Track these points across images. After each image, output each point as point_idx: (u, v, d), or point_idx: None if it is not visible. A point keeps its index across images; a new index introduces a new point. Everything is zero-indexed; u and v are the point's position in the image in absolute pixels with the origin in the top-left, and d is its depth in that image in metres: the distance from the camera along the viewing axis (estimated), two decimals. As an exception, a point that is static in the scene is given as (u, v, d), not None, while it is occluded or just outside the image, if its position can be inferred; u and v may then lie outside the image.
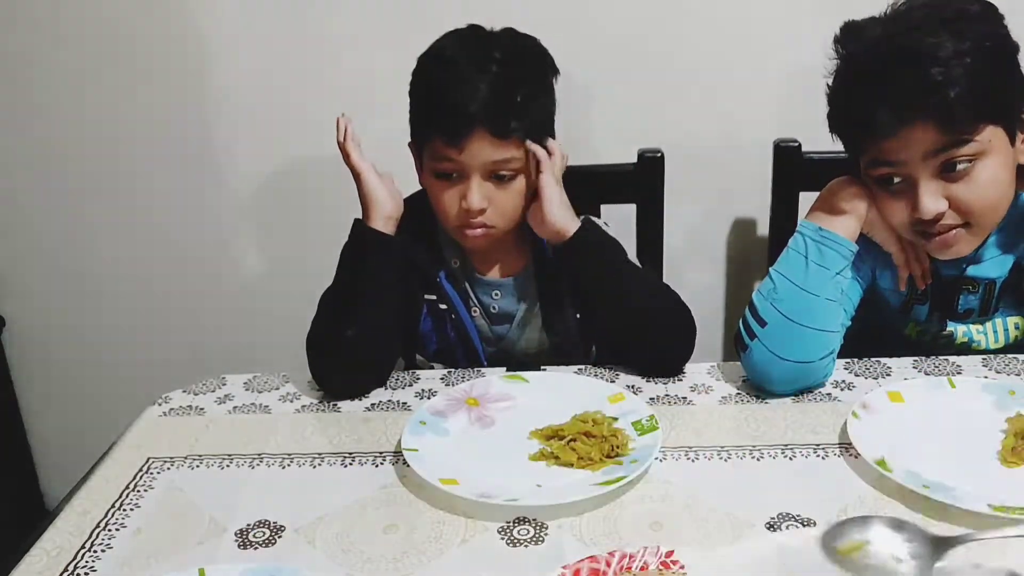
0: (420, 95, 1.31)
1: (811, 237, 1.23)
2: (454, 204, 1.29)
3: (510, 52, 1.28)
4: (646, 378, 1.24)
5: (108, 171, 1.88)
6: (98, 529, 0.98)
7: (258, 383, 1.28)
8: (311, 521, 0.97)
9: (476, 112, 1.22)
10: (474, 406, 1.17)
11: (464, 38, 1.31)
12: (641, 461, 1.01)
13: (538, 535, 0.93)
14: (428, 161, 1.30)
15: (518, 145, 1.27)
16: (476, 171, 1.26)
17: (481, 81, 1.23)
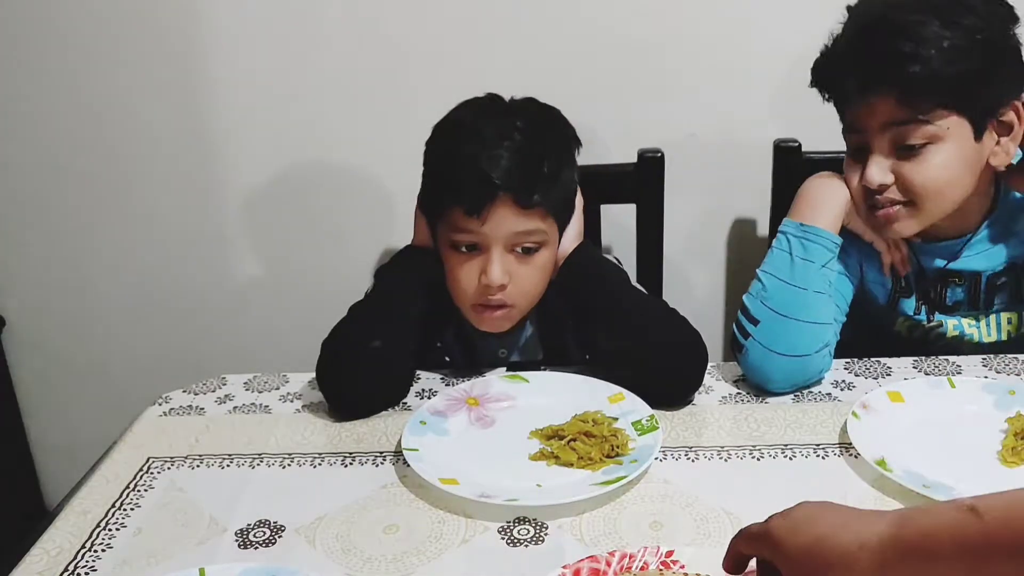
0: (438, 164, 1.26)
1: (793, 234, 1.23)
2: (472, 280, 1.22)
3: (533, 121, 1.23)
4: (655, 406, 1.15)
5: (108, 172, 1.88)
6: (98, 529, 0.98)
7: (258, 383, 1.28)
8: (311, 521, 0.97)
9: (500, 181, 1.16)
10: (474, 406, 1.17)
11: (483, 107, 1.26)
12: (641, 461, 1.02)
13: (538, 535, 0.93)
14: (445, 232, 1.23)
15: (543, 216, 1.21)
16: (498, 244, 1.20)
17: (504, 149, 1.18)
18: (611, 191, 1.58)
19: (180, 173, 1.87)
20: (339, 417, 1.18)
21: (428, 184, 1.28)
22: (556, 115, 1.28)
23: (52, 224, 1.94)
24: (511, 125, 1.20)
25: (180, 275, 1.95)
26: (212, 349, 1.97)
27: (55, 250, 1.96)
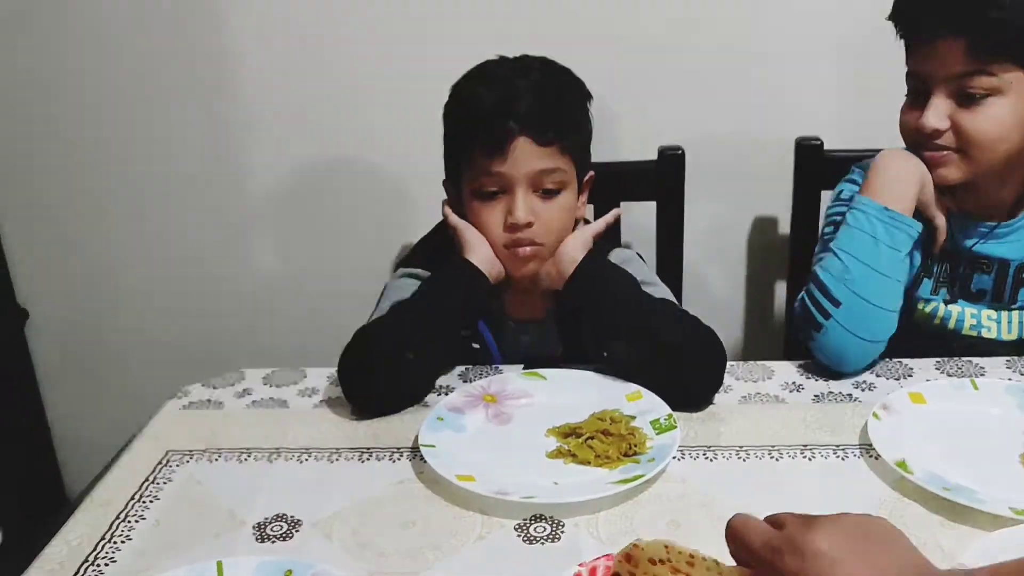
0: (457, 113, 1.29)
1: (877, 217, 1.22)
2: (499, 222, 1.24)
3: (548, 65, 1.28)
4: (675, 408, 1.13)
5: (128, 170, 1.89)
6: (118, 520, 0.98)
7: (276, 377, 1.29)
8: (328, 516, 0.97)
9: (518, 117, 1.20)
10: (491, 403, 1.17)
11: (498, 61, 1.29)
12: (659, 460, 1.01)
13: (555, 533, 0.93)
14: (469, 182, 1.26)
15: (561, 153, 1.24)
16: (521, 183, 1.22)
17: (523, 89, 1.22)
18: (631, 188, 1.58)
19: (200, 169, 1.88)
20: (357, 413, 1.18)
21: (449, 137, 1.30)
22: (568, 71, 1.30)
23: (75, 219, 1.95)
24: (527, 67, 1.25)
25: (200, 270, 1.96)
26: (231, 343, 1.98)
27: (77, 245, 1.97)
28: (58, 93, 1.84)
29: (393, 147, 1.82)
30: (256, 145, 1.86)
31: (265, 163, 1.87)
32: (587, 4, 1.70)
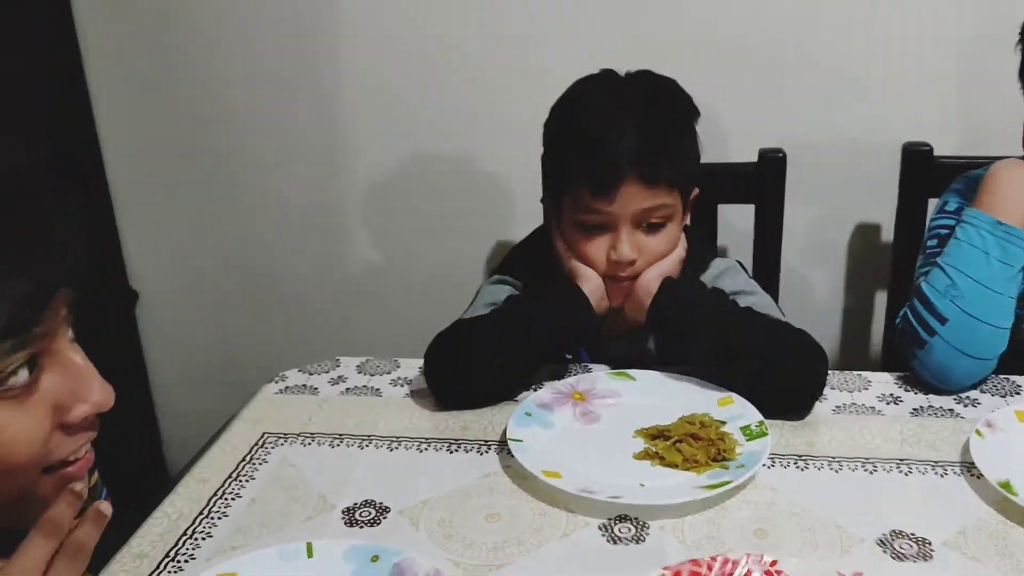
0: (561, 145, 1.25)
1: (989, 231, 1.17)
2: (601, 256, 1.22)
3: (652, 95, 1.22)
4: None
5: (238, 161, 1.96)
6: (215, 497, 1.02)
7: (370, 366, 1.31)
8: (415, 504, 0.99)
9: (626, 160, 1.16)
10: (580, 401, 1.17)
11: (600, 83, 1.24)
12: (748, 467, 1.00)
13: (639, 534, 0.93)
14: (571, 212, 1.23)
15: (668, 191, 1.20)
16: (625, 221, 1.20)
17: (628, 128, 1.17)
18: (729, 190, 1.56)
19: (306, 164, 1.94)
20: (438, 403, 1.20)
21: (552, 166, 1.27)
22: (673, 86, 1.26)
23: (185, 207, 2.03)
24: (631, 101, 1.20)
25: (301, 260, 2.02)
26: (327, 332, 2.04)
27: (187, 232, 2.05)
28: (179, 87, 1.92)
29: (494, 147, 1.84)
30: (361, 140, 1.90)
31: (369, 158, 1.91)
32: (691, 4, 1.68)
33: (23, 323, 0.63)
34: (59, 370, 0.68)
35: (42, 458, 0.68)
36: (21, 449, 0.66)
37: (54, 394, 0.68)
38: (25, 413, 0.66)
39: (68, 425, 0.69)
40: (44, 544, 0.66)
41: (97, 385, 0.70)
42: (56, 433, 0.68)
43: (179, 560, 0.92)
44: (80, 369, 0.69)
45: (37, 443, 0.67)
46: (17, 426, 0.65)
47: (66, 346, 0.69)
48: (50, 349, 0.67)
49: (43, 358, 0.67)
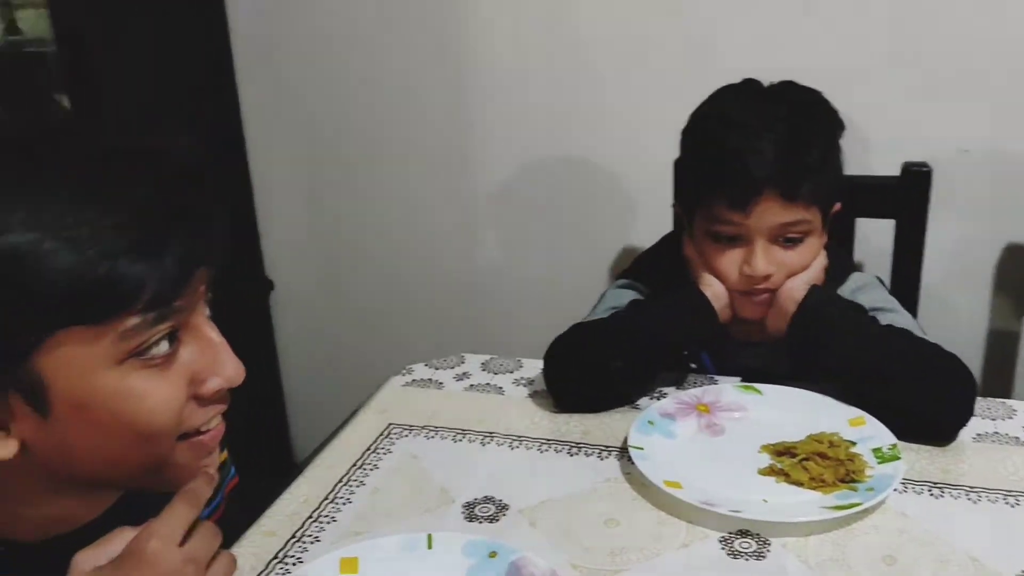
0: (699, 156, 1.23)
1: None
2: (733, 269, 1.19)
3: (796, 109, 1.19)
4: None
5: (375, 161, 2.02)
6: (340, 484, 1.05)
7: (494, 365, 1.33)
8: (534, 504, 1.00)
9: (766, 175, 1.13)
10: (704, 412, 1.15)
11: (743, 94, 1.22)
12: (878, 490, 0.96)
13: (760, 550, 0.91)
14: (705, 223, 1.20)
15: (807, 207, 1.17)
16: (761, 235, 1.17)
17: (769, 142, 1.14)
18: (869, 204, 1.50)
19: (439, 165, 1.98)
20: (557, 404, 1.20)
21: (687, 175, 1.25)
22: (818, 99, 1.22)
23: (322, 203, 2.10)
24: (774, 115, 1.17)
25: (430, 258, 2.06)
26: (452, 329, 2.07)
27: (323, 227, 2.13)
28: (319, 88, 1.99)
29: (624, 153, 1.84)
30: (491, 142, 1.93)
31: (498, 160, 1.94)
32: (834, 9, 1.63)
33: (166, 297, 0.66)
34: (196, 344, 0.72)
35: (177, 425, 0.71)
36: (160, 416, 0.69)
37: (191, 366, 0.71)
38: (165, 382, 0.69)
39: (201, 397, 0.72)
40: (186, 512, 0.70)
41: (230, 361, 0.73)
42: (191, 403, 0.72)
43: (304, 541, 0.95)
44: (215, 345, 0.73)
45: (174, 411, 0.70)
46: (157, 394, 0.69)
47: (203, 322, 0.72)
48: (188, 323, 0.70)
49: (182, 332, 0.70)
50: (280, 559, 0.93)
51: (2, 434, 0.67)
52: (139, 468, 0.72)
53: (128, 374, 0.67)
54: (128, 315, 0.65)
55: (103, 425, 0.68)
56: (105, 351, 0.66)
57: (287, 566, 0.92)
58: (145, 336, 0.66)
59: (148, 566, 0.66)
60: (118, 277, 0.63)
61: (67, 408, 0.67)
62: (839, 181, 1.23)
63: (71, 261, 0.62)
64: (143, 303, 0.65)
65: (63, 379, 0.66)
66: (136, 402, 0.68)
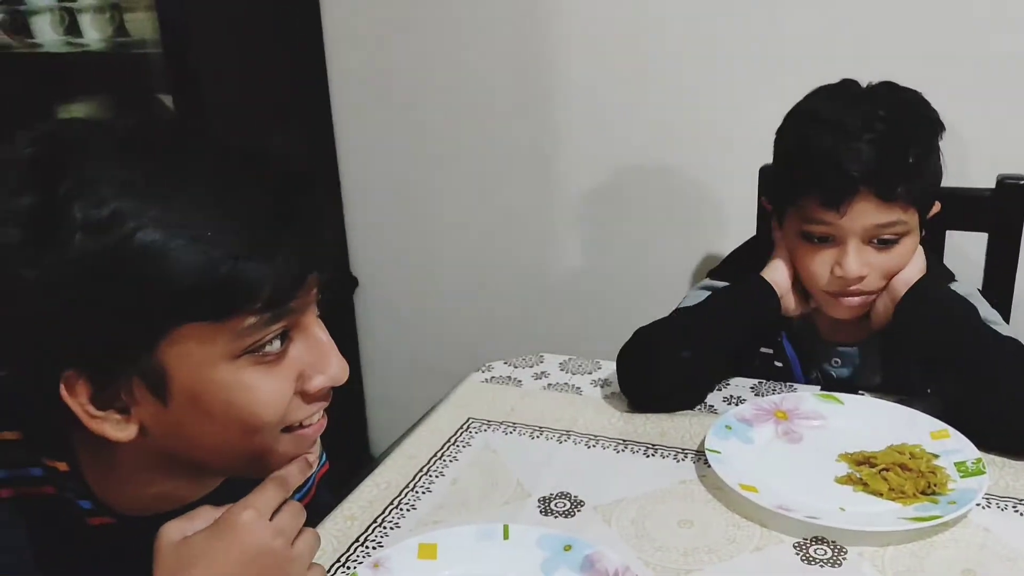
0: (793, 154, 1.21)
1: None
2: (825, 270, 1.18)
3: (894, 109, 1.16)
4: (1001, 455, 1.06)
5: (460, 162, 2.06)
6: (420, 474, 1.08)
7: (572, 365, 1.34)
8: (609, 502, 1.01)
9: (861, 175, 1.11)
10: (783, 419, 1.15)
11: (839, 94, 1.20)
12: (960, 504, 0.95)
13: (835, 558, 0.90)
14: (797, 222, 1.20)
15: (904, 208, 1.15)
16: (854, 236, 1.15)
17: (866, 140, 1.12)
18: (961, 216, 1.46)
19: (523, 167, 2.01)
20: (633, 406, 1.21)
21: (781, 174, 1.25)
22: (918, 99, 1.20)
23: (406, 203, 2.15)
24: (872, 114, 1.14)
25: (512, 258, 2.09)
26: (531, 329, 2.09)
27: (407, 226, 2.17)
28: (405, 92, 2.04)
29: (709, 157, 1.83)
30: (574, 145, 1.95)
31: (579, 163, 1.95)
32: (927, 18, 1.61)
33: (282, 298, 0.70)
34: (305, 343, 0.75)
35: (282, 419, 0.75)
36: (267, 409, 0.73)
37: (299, 364, 0.74)
38: (273, 378, 0.73)
39: (306, 393, 0.75)
40: (276, 492, 0.74)
41: (336, 360, 0.76)
42: (296, 399, 0.75)
43: (385, 526, 0.99)
44: (323, 344, 0.76)
45: (280, 405, 0.74)
46: (266, 388, 0.72)
47: (313, 321, 0.76)
48: (299, 323, 0.74)
49: (293, 331, 0.74)
50: (361, 542, 0.96)
51: (124, 417, 0.71)
52: (244, 455, 0.76)
53: (242, 369, 0.71)
54: (246, 314, 0.69)
55: (215, 415, 0.72)
56: (222, 347, 0.69)
57: (367, 549, 0.95)
58: (260, 335, 0.70)
59: (240, 534, 0.70)
60: (239, 277, 0.67)
61: (184, 397, 0.71)
62: (937, 183, 1.21)
63: (197, 260, 0.66)
64: (260, 303, 0.68)
65: (183, 370, 0.69)
66: (247, 395, 0.71)
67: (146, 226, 0.65)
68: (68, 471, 0.78)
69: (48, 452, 0.77)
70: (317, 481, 1.04)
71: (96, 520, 0.80)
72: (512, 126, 1.98)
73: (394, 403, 2.30)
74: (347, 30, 2.05)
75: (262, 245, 0.68)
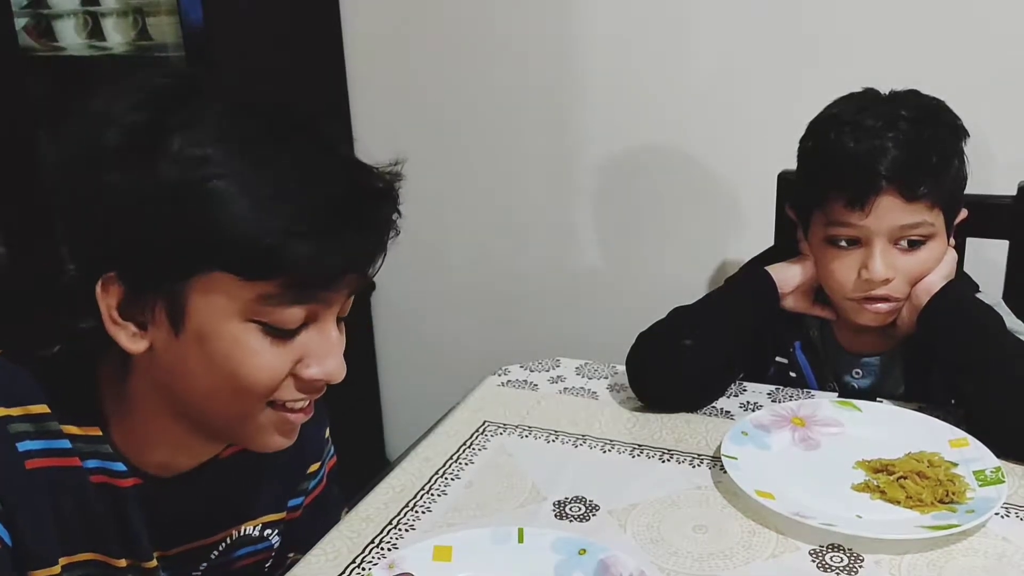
0: (817, 157, 1.21)
1: None
2: (851, 274, 1.18)
3: (918, 110, 1.17)
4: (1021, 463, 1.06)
5: (473, 159, 2.06)
6: (436, 476, 1.08)
7: (588, 369, 1.34)
8: (624, 506, 1.01)
9: (886, 172, 1.12)
10: (800, 426, 1.14)
11: (864, 99, 1.20)
12: (979, 512, 0.94)
13: (852, 565, 0.90)
14: (821, 227, 1.20)
15: (929, 208, 1.15)
16: (880, 237, 1.15)
17: (889, 140, 1.13)
18: (982, 224, 1.45)
19: (537, 169, 2.01)
20: (646, 405, 1.22)
21: (805, 178, 1.25)
22: (941, 105, 1.20)
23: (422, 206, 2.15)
24: (896, 114, 1.15)
25: (528, 262, 2.09)
26: (548, 333, 2.09)
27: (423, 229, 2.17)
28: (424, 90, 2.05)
29: (729, 164, 1.83)
30: (593, 147, 1.95)
31: (597, 166, 1.95)
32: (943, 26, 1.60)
33: (310, 284, 0.75)
34: (317, 334, 0.80)
35: (269, 391, 0.80)
36: (259, 376, 0.78)
37: (302, 348, 0.79)
38: (275, 351, 0.78)
39: (299, 378, 0.80)
40: None
41: (336, 359, 0.81)
42: (289, 379, 0.80)
43: (400, 528, 0.99)
44: (331, 340, 0.81)
45: (272, 378, 0.79)
46: (264, 357, 0.78)
47: (331, 318, 0.81)
48: (320, 315, 0.79)
49: (310, 320, 0.79)
50: (376, 544, 0.96)
51: (140, 332, 0.77)
52: (228, 413, 0.81)
53: (250, 330, 0.76)
54: (271, 285, 0.74)
55: (214, 362, 0.77)
56: (241, 304, 0.75)
57: (382, 551, 0.95)
58: (277, 309, 0.75)
59: None
60: (278, 250, 0.73)
61: (194, 334, 0.76)
62: (962, 186, 1.21)
63: (250, 222, 0.72)
64: (289, 281, 0.74)
65: (202, 310, 0.75)
66: (246, 356, 0.77)
67: (225, 176, 0.72)
68: (100, 436, 0.83)
69: (80, 420, 0.83)
70: (327, 472, 1.07)
71: (124, 482, 0.85)
72: (530, 129, 1.98)
73: (410, 406, 2.30)
74: (367, 36, 2.06)
75: (314, 233, 0.73)
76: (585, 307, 2.06)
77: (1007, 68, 1.59)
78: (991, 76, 1.60)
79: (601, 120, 1.92)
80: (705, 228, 1.90)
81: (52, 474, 0.81)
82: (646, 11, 1.81)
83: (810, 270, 1.25)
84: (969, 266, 1.50)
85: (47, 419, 0.81)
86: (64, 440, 0.82)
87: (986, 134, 1.53)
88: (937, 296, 1.16)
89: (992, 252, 1.50)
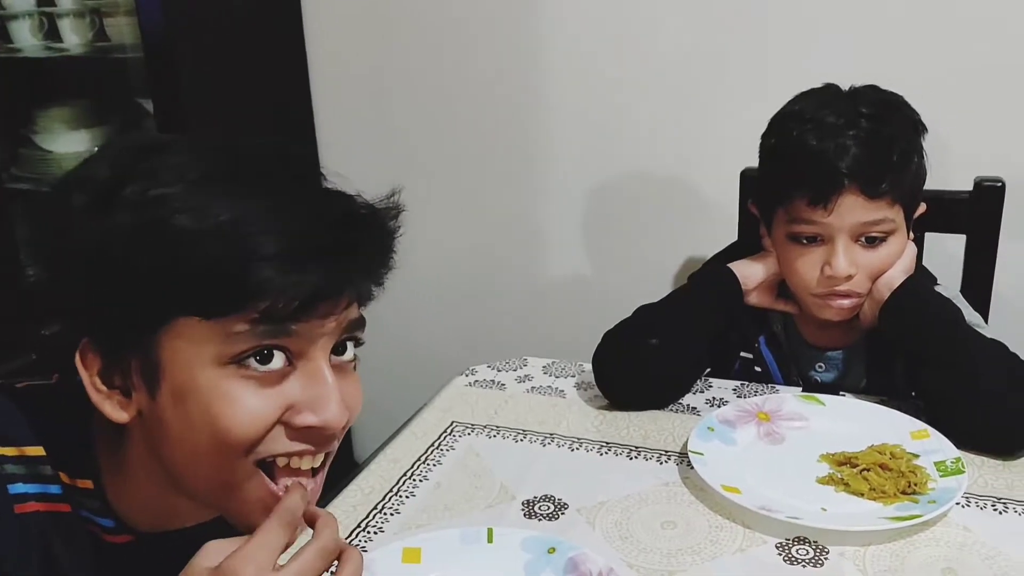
0: (779, 154, 1.22)
1: None
2: (814, 271, 1.19)
3: (877, 107, 1.19)
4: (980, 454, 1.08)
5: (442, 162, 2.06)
6: (404, 478, 1.08)
7: (556, 368, 1.35)
8: (593, 504, 1.01)
9: (847, 170, 1.13)
10: (764, 421, 1.16)
11: (824, 95, 1.22)
12: (940, 503, 0.96)
13: (818, 558, 0.91)
14: (784, 224, 1.21)
15: (890, 205, 1.16)
16: (842, 234, 1.16)
17: (850, 138, 1.15)
18: (940, 219, 1.48)
19: (508, 171, 2.00)
20: (614, 404, 1.23)
21: (767, 176, 1.26)
22: (900, 100, 1.22)
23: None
24: (856, 112, 1.16)
25: (496, 263, 2.08)
26: (515, 332, 2.09)
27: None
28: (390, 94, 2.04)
29: (691, 162, 1.84)
30: (557, 151, 1.95)
31: (564, 168, 1.95)
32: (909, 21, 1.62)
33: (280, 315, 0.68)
34: (307, 377, 0.71)
35: (257, 441, 0.70)
36: (240, 425, 0.69)
37: (292, 394, 0.70)
38: (258, 396, 0.69)
39: (291, 426, 0.71)
40: (278, 534, 0.69)
41: (333, 405, 0.71)
42: (279, 428, 0.71)
43: (369, 531, 0.98)
44: (325, 384, 0.71)
45: (255, 426, 0.70)
46: (247, 404, 0.69)
47: (322, 357, 0.72)
48: (306, 354, 0.71)
49: (297, 359, 0.71)
50: (345, 547, 0.96)
51: (125, 401, 0.72)
52: (213, 479, 0.72)
53: (227, 377, 0.69)
54: (238, 319, 0.67)
55: (193, 420, 0.69)
56: (213, 350, 0.68)
57: (352, 553, 0.94)
58: (249, 344, 0.68)
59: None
60: (241, 280, 0.66)
61: (170, 393, 0.69)
62: (921, 182, 1.23)
63: (209, 253, 0.66)
64: (256, 312, 0.67)
65: (174, 365, 0.69)
66: (224, 404, 0.69)
67: (181, 211, 0.67)
68: (92, 489, 0.76)
69: (73, 470, 0.76)
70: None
71: (114, 538, 0.78)
72: (497, 130, 1.98)
73: (378, 407, 2.27)
74: (329, 34, 2.05)
75: (278, 260, 0.67)
76: (551, 306, 2.06)
77: (964, 63, 1.62)
78: (948, 71, 1.62)
79: (566, 121, 1.92)
80: (670, 226, 1.91)
81: (42, 519, 0.75)
82: (610, 11, 1.81)
83: (773, 266, 1.26)
84: (928, 260, 1.52)
85: (42, 463, 0.75)
86: (56, 486, 0.76)
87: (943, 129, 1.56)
88: (898, 291, 1.17)
89: (950, 246, 1.52)
